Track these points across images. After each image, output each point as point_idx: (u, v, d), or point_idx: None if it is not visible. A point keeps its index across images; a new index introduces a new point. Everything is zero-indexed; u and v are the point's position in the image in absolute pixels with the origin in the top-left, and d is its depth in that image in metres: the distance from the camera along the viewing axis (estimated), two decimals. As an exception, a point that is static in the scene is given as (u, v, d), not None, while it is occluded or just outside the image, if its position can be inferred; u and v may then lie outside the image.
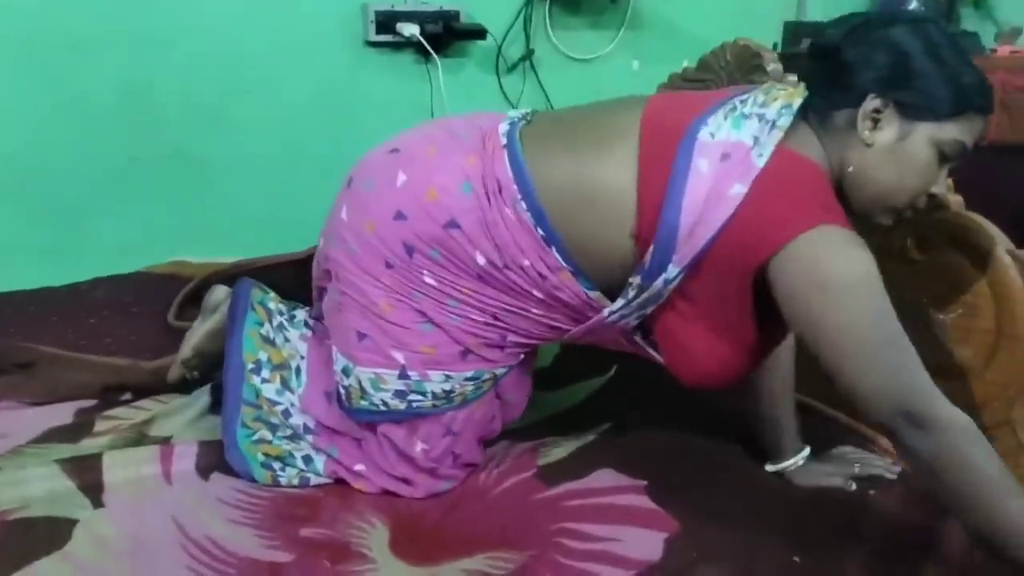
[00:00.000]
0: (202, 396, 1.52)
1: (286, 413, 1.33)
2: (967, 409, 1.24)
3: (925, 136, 1.10)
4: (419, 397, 1.25)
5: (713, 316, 1.11)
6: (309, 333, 1.41)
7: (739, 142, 1.08)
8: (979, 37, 2.68)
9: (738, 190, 1.04)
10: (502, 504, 1.28)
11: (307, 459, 1.33)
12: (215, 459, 1.35)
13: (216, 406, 1.45)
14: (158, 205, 2.18)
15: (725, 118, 1.11)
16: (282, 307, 1.45)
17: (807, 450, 1.33)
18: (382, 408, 1.27)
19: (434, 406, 1.26)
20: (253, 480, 1.32)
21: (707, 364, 1.14)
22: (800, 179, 1.08)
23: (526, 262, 1.16)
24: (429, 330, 1.22)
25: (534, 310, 1.22)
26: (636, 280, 1.13)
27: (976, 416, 1.25)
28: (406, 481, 1.30)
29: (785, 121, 1.09)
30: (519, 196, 1.15)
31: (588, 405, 1.58)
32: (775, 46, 2.95)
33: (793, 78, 1.50)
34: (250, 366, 1.35)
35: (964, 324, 1.27)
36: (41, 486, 1.26)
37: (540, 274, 1.17)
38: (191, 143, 2.18)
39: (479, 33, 2.40)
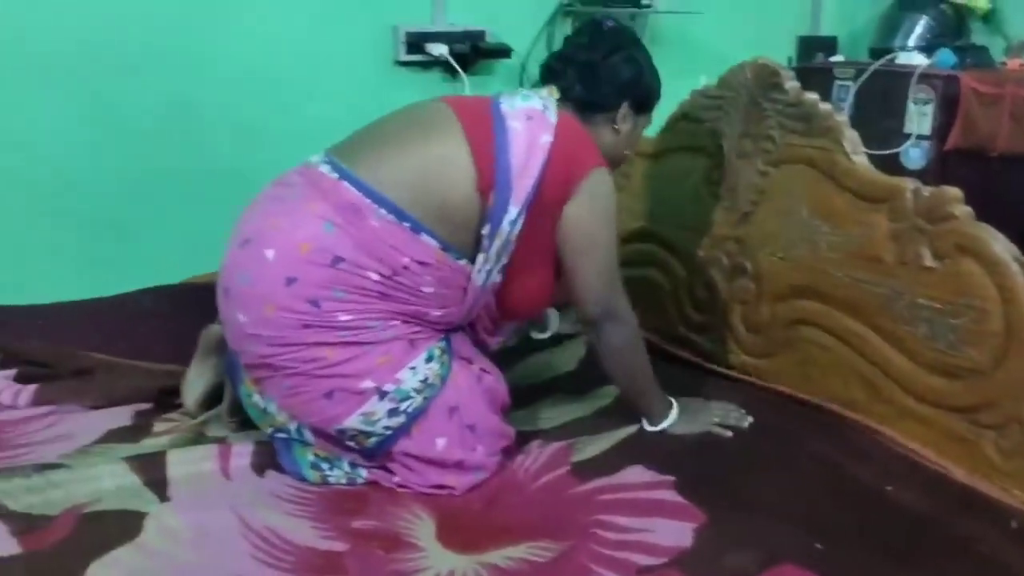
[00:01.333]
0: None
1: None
2: (977, 406, 1.34)
3: (643, 123, 1.60)
4: (407, 401, 1.34)
5: (539, 253, 1.41)
6: None
7: (533, 108, 1.41)
8: (989, 51, 2.76)
9: (546, 139, 1.37)
10: (539, 498, 1.37)
11: (353, 464, 1.42)
12: (269, 458, 1.44)
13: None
14: (199, 218, 2.27)
15: (511, 98, 1.44)
16: None
17: (676, 408, 1.54)
18: (389, 433, 1.35)
19: (424, 398, 1.35)
20: (303, 479, 1.41)
21: (533, 296, 1.48)
22: (581, 131, 1.44)
23: (406, 259, 1.31)
24: (371, 348, 1.32)
25: (433, 312, 1.37)
26: (487, 229, 1.35)
27: (986, 413, 1.33)
28: (442, 486, 1.39)
29: (554, 101, 1.44)
30: (375, 207, 1.30)
31: (616, 408, 1.66)
32: (789, 60, 3.04)
33: (814, 96, 1.58)
34: (269, 431, 1.43)
35: (975, 328, 1.35)
36: (111, 482, 1.35)
37: (420, 263, 1.32)
38: (230, 157, 2.27)
39: (504, 52, 2.50)
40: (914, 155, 2.51)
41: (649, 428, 1.54)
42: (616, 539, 1.24)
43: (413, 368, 1.33)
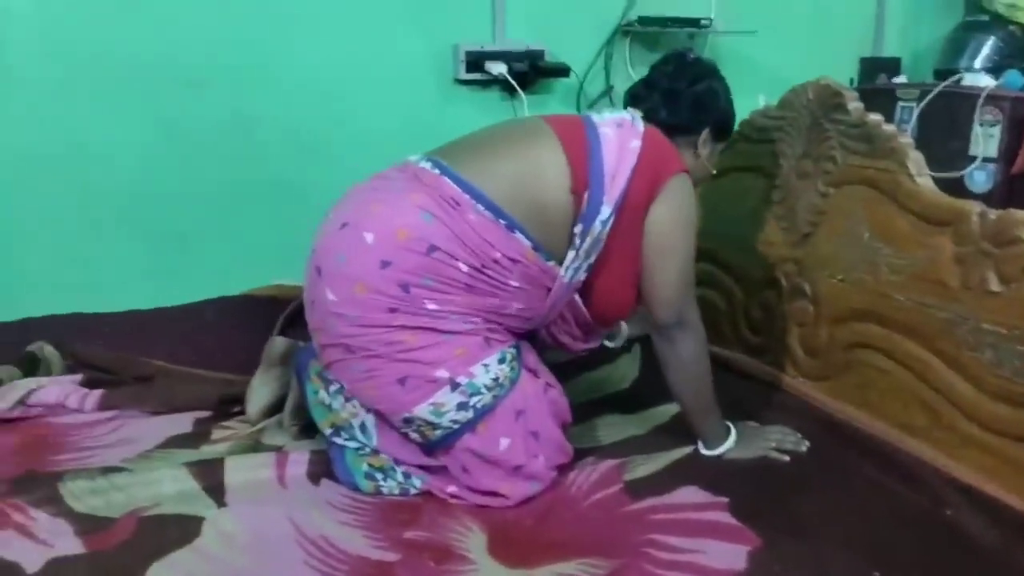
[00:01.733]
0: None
1: (375, 452, 1.45)
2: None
3: (720, 147, 1.67)
4: (477, 396, 1.36)
5: (626, 255, 1.45)
6: None
7: (623, 118, 1.49)
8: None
9: (635, 144, 1.43)
10: (591, 515, 1.36)
11: (406, 475, 1.43)
12: (324, 467, 1.46)
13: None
14: (260, 230, 2.32)
15: (600, 113, 1.52)
16: None
17: (734, 433, 1.54)
18: (455, 427, 1.37)
19: (494, 397, 1.37)
20: (357, 489, 1.43)
21: (618, 298, 1.50)
22: (666, 140, 1.51)
23: (498, 254, 1.36)
24: (451, 339, 1.35)
25: (515, 305, 1.41)
26: (579, 228, 1.40)
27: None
28: (495, 494, 1.39)
29: (640, 115, 1.52)
30: (474, 203, 1.35)
31: (670, 427, 1.65)
32: (851, 81, 3.00)
33: (878, 117, 1.56)
34: (328, 431, 1.48)
35: (1043, 354, 1.31)
36: (171, 487, 1.39)
37: (511, 259, 1.37)
38: (292, 171, 2.32)
39: (563, 71, 2.51)
40: (979, 178, 2.46)
41: (705, 452, 1.53)
42: (668, 559, 1.23)
43: (486, 365, 1.36)
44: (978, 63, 2.81)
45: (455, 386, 1.34)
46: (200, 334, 2.05)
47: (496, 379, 1.37)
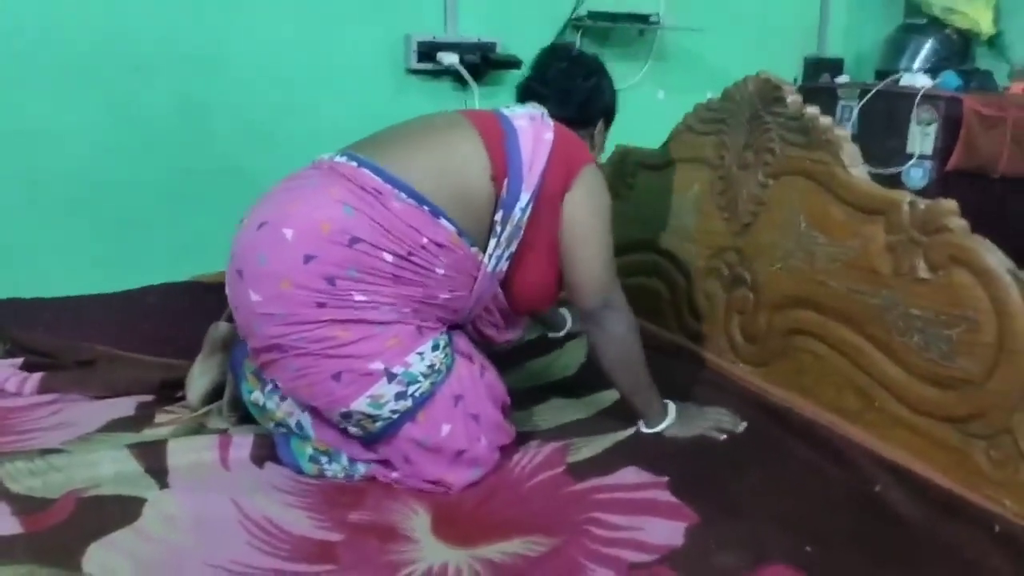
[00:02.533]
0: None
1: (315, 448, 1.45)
2: (969, 416, 1.36)
3: (607, 135, 1.79)
4: (415, 385, 1.36)
5: (544, 244, 1.50)
6: None
7: (533, 112, 1.54)
8: (992, 75, 2.79)
9: (549, 136, 1.49)
10: (534, 495, 1.38)
11: (351, 460, 1.44)
12: (268, 450, 1.46)
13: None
14: (209, 217, 2.30)
15: (510, 108, 1.57)
16: None
17: (672, 411, 1.60)
18: (395, 417, 1.37)
19: (431, 384, 1.38)
20: (301, 472, 1.43)
21: (539, 287, 1.54)
22: (573, 133, 1.57)
23: (424, 239, 1.37)
24: (383, 330, 1.35)
25: (442, 294, 1.42)
26: (499, 215, 1.44)
27: (977, 423, 1.35)
28: (440, 483, 1.40)
29: (545, 112, 1.57)
30: (396, 191, 1.36)
31: (613, 411, 1.68)
32: (795, 80, 3.08)
33: (814, 110, 1.61)
34: (269, 425, 1.48)
35: (967, 338, 1.36)
36: (111, 468, 1.37)
37: (438, 244, 1.38)
38: (242, 159, 2.31)
39: (514, 63, 2.54)
40: (916, 175, 2.54)
41: (645, 430, 1.57)
42: (609, 536, 1.25)
43: (421, 353, 1.37)
44: (917, 64, 2.91)
45: (391, 377, 1.34)
46: (143, 320, 2.03)
47: (432, 366, 1.38)
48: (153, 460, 1.40)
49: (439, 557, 1.22)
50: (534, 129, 1.49)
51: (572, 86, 1.67)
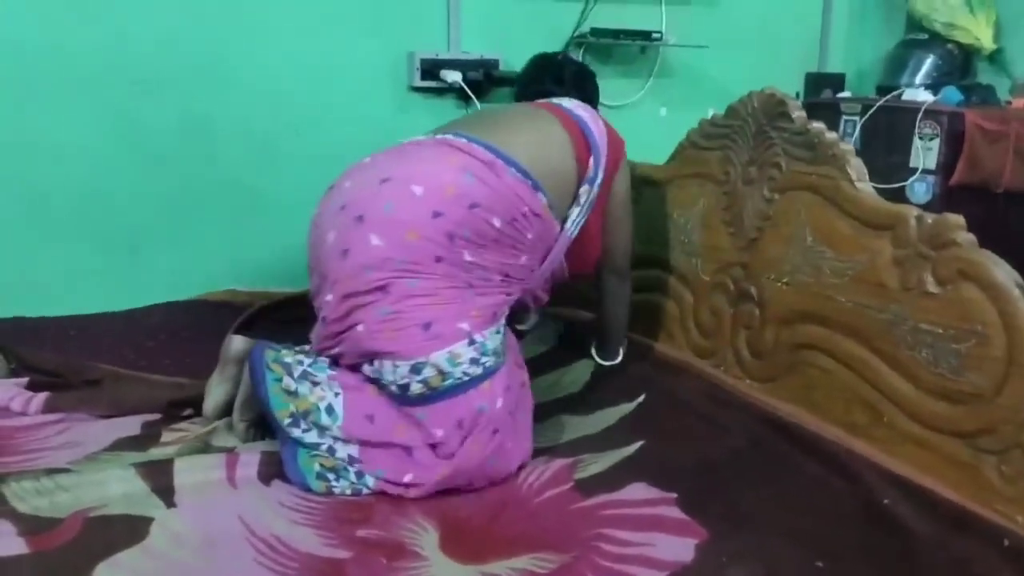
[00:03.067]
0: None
1: (331, 450, 1.44)
2: (979, 431, 1.35)
3: None
4: (486, 357, 1.46)
5: (597, 213, 1.75)
6: (335, 370, 1.50)
7: (580, 103, 1.81)
8: (995, 90, 2.80)
9: (602, 124, 1.76)
10: (543, 512, 1.38)
11: (359, 474, 1.43)
12: (275, 468, 1.45)
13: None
14: (213, 234, 2.30)
15: (559, 100, 1.81)
16: (301, 356, 1.51)
17: (622, 354, 1.97)
18: (464, 379, 1.44)
19: (496, 363, 1.48)
20: (309, 490, 1.42)
21: (590, 250, 1.78)
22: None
23: (525, 208, 1.56)
24: (474, 298, 1.49)
25: (524, 257, 1.59)
26: (584, 188, 1.70)
27: (987, 438, 1.34)
28: (452, 486, 1.42)
29: None
30: (506, 166, 1.56)
31: (620, 427, 1.68)
32: (797, 95, 3.08)
33: (820, 125, 1.61)
34: (287, 421, 1.44)
35: (977, 353, 1.36)
36: (118, 487, 1.36)
37: (535, 214, 1.58)
38: (246, 175, 2.31)
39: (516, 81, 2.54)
40: (919, 189, 2.54)
41: (601, 361, 1.95)
42: (618, 552, 1.25)
43: (498, 332, 1.51)
44: (918, 79, 2.91)
45: (472, 341, 1.45)
46: (148, 339, 2.04)
47: (496, 349, 1.49)
48: (160, 479, 1.39)
49: (448, 574, 1.21)
50: (592, 118, 1.74)
51: (585, 86, 1.98)
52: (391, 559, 1.24)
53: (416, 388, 1.43)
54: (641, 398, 1.78)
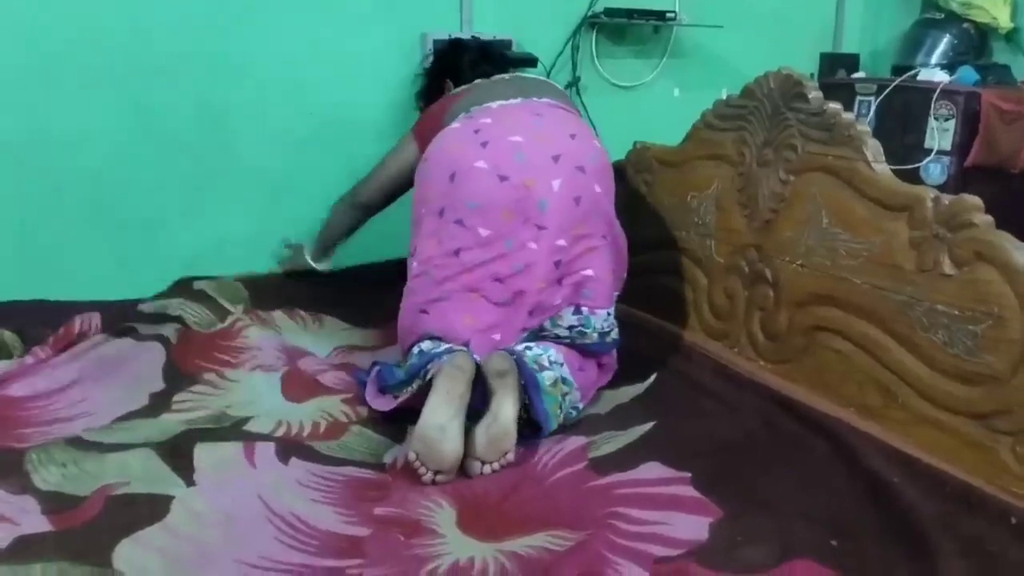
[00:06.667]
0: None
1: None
2: (995, 413, 1.35)
3: None
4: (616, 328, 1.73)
5: None
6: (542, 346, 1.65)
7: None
8: (1010, 70, 2.78)
9: None
10: (557, 490, 1.39)
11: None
12: (293, 448, 1.47)
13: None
14: (229, 219, 2.31)
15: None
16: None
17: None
18: (610, 342, 1.70)
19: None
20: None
21: None
22: None
23: None
24: None
25: None
26: None
27: (1003, 419, 1.34)
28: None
29: None
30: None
31: (632, 407, 1.68)
32: (812, 76, 3.06)
33: (836, 106, 1.61)
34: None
35: (993, 334, 1.36)
36: (139, 466, 1.39)
37: None
38: (261, 159, 2.31)
39: (530, 61, 2.53)
40: (934, 170, 2.53)
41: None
42: (633, 530, 1.26)
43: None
44: (934, 59, 2.89)
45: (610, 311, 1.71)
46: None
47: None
48: (179, 458, 1.41)
49: (465, 551, 1.22)
50: None
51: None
52: (409, 536, 1.25)
53: (613, 335, 1.70)
54: (653, 378, 1.79)
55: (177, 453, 1.42)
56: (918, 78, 2.64)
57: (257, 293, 2.14)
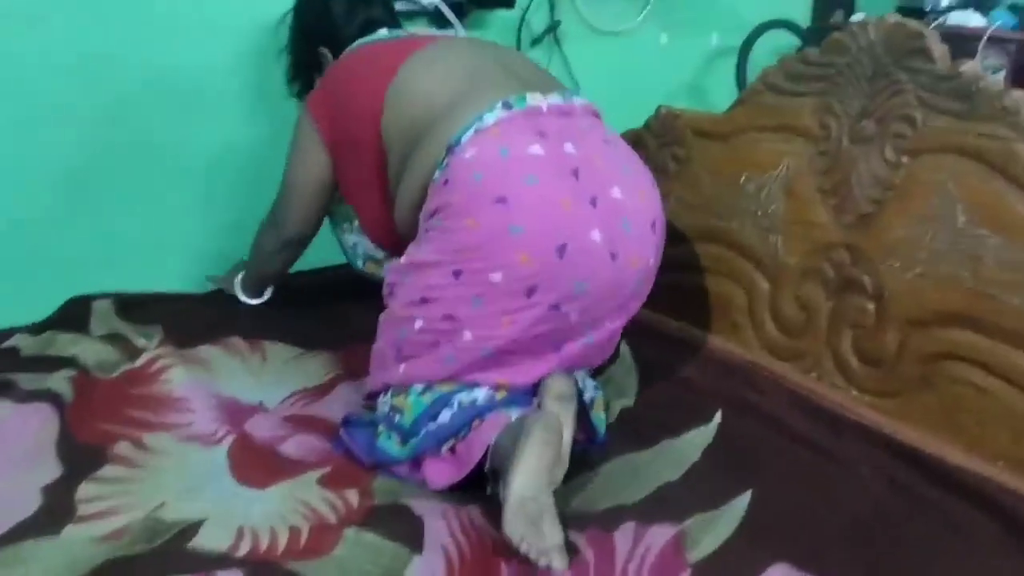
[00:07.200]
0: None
1: None
2: None
3: None
4: None
5: None
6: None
7: None
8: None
9: None
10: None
11: None
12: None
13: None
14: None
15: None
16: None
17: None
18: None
19: None
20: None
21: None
22: None
23: None
24: None
25: None
26: None
27: None
28: None
29: None
30: None
31: (708, 467, 1.29)
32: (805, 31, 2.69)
33: (974, 67, 1.22)
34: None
35: None
36: None
37: None
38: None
39: (505, 1, 2.06)
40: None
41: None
42: None
43: None
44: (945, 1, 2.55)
45: None
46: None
47: None
48: None
49: None
50: None
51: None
52: None
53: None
54: (719, 417, 1.39)
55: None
56: (948, 23, 2.29)
57: (175, 316, 1.63)
